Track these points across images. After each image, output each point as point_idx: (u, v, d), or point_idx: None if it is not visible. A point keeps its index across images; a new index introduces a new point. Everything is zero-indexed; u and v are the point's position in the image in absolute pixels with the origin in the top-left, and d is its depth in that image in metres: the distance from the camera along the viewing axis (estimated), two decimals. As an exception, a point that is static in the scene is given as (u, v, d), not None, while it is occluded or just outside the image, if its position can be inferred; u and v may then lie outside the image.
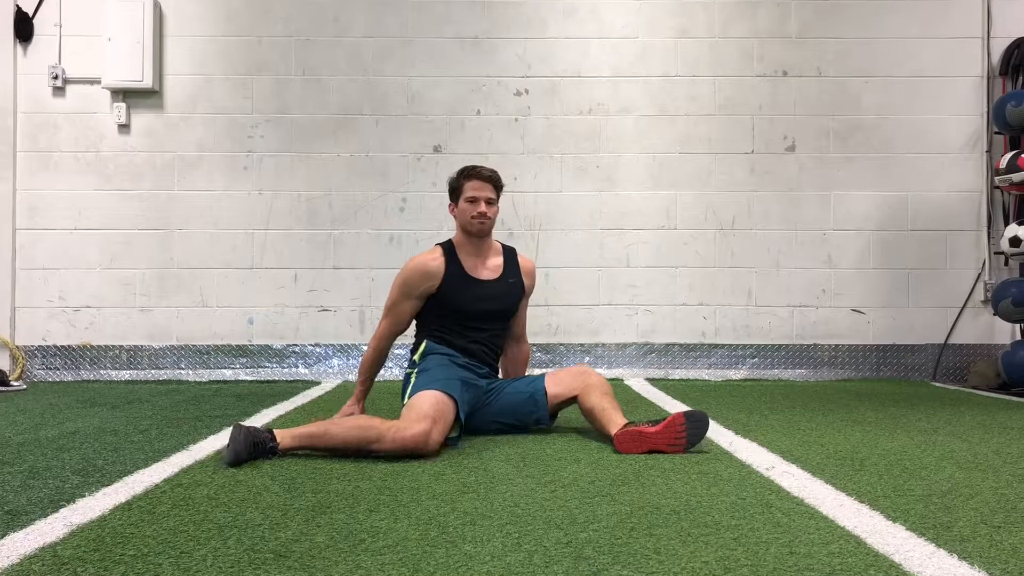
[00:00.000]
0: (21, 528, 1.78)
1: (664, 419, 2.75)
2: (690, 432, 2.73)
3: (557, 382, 3.12)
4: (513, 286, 3.24)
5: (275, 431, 2.65)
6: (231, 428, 2.61)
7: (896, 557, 1.58)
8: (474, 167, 3.22)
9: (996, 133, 5.26)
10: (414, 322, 3.27)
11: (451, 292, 3.13)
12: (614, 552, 1.60)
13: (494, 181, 3.20)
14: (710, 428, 3.22)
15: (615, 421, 2.85)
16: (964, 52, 5.36)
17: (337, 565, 1.52)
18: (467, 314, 3.14)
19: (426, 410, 2.72)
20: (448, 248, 3.22)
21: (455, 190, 3.21)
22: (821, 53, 5.36)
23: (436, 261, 3.16)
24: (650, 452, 2.69)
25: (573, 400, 3.09)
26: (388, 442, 2.60)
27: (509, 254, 3.31)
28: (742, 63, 5.37)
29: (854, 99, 5.36)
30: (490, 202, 3.17)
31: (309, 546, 1.64)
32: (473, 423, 3.09)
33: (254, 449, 2.55)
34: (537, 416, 3.11)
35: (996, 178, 4.96)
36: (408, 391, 2.97)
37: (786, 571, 1.50)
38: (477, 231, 3.16)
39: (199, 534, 1.73)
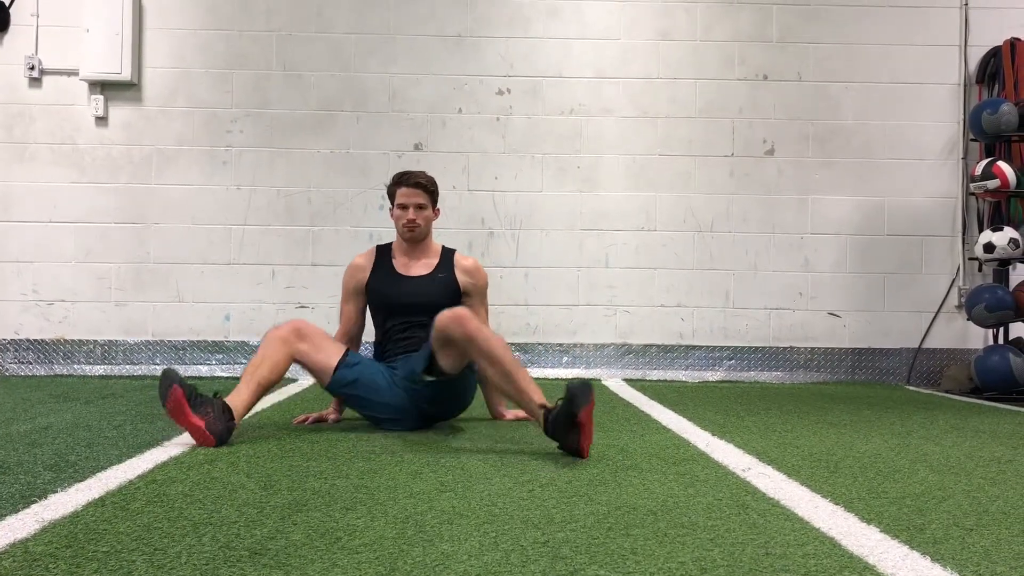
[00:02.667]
0: (-9, 524, 1.75)
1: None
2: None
3: (440, 351, 2.91)
4: (443, 280, 3.27)
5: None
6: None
7: (870, 559, 1.59)
8: (406, 173, 3.28)
9: (972, 140, 5.32)
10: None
11: (378, 285, 3.26)
12: (591, 552, 1.60)
13: (424, 187, 3.24)
14: (689, 428, 3.24)
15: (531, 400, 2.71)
16: (942, 60, 5.42)
17: (313, 563, 1.52)
18: (393, 307, 3.23)
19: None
20: (384, 248, 3.37)
21: (391, 196, 3.29)
22: (802, 58, 5.40)
23: (364, 258, 3.34)
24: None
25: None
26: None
27: (446, 254, 3.36)
28: (723, 66, 5.39)
29: (833, 104, 5.40)
30: (420, 207, 3.23)
31: (285, 544, 1.63)
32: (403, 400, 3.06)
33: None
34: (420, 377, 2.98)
35: (971, 185, 5.02)
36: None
37: (762, 572, 1.51)
38: (408, 238, 3.28)
39: (173, 531, 1.72)
